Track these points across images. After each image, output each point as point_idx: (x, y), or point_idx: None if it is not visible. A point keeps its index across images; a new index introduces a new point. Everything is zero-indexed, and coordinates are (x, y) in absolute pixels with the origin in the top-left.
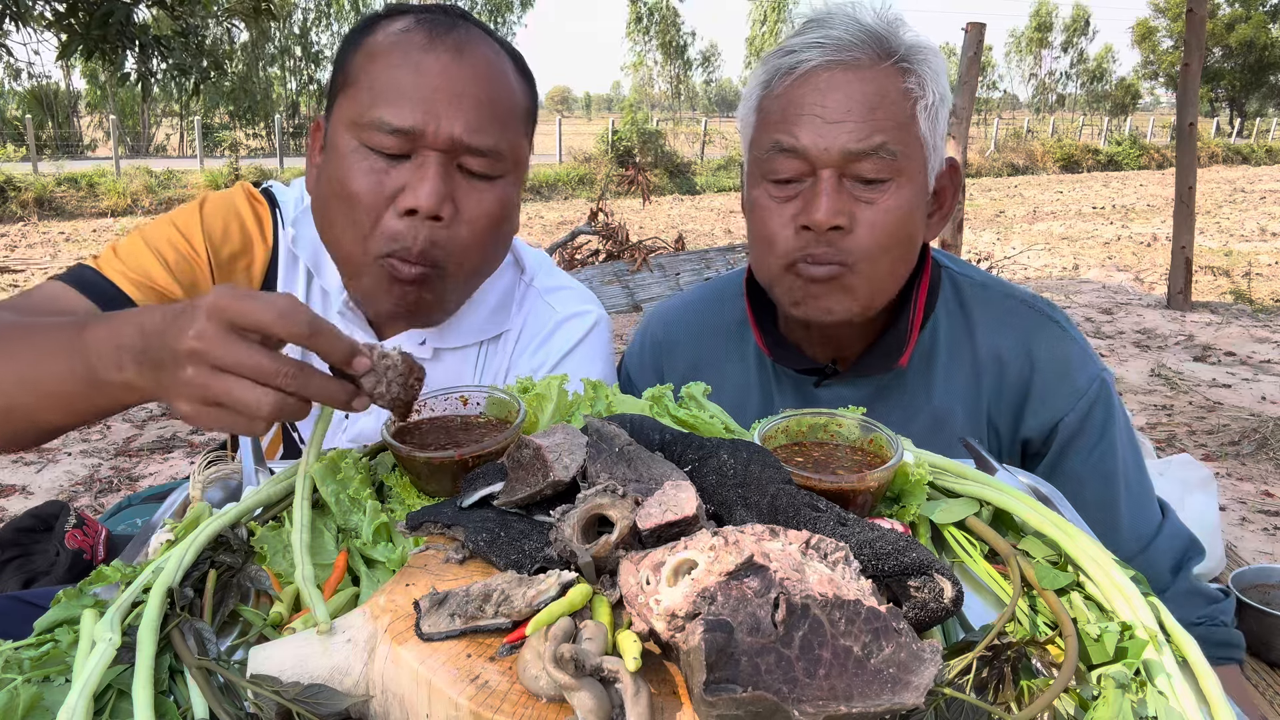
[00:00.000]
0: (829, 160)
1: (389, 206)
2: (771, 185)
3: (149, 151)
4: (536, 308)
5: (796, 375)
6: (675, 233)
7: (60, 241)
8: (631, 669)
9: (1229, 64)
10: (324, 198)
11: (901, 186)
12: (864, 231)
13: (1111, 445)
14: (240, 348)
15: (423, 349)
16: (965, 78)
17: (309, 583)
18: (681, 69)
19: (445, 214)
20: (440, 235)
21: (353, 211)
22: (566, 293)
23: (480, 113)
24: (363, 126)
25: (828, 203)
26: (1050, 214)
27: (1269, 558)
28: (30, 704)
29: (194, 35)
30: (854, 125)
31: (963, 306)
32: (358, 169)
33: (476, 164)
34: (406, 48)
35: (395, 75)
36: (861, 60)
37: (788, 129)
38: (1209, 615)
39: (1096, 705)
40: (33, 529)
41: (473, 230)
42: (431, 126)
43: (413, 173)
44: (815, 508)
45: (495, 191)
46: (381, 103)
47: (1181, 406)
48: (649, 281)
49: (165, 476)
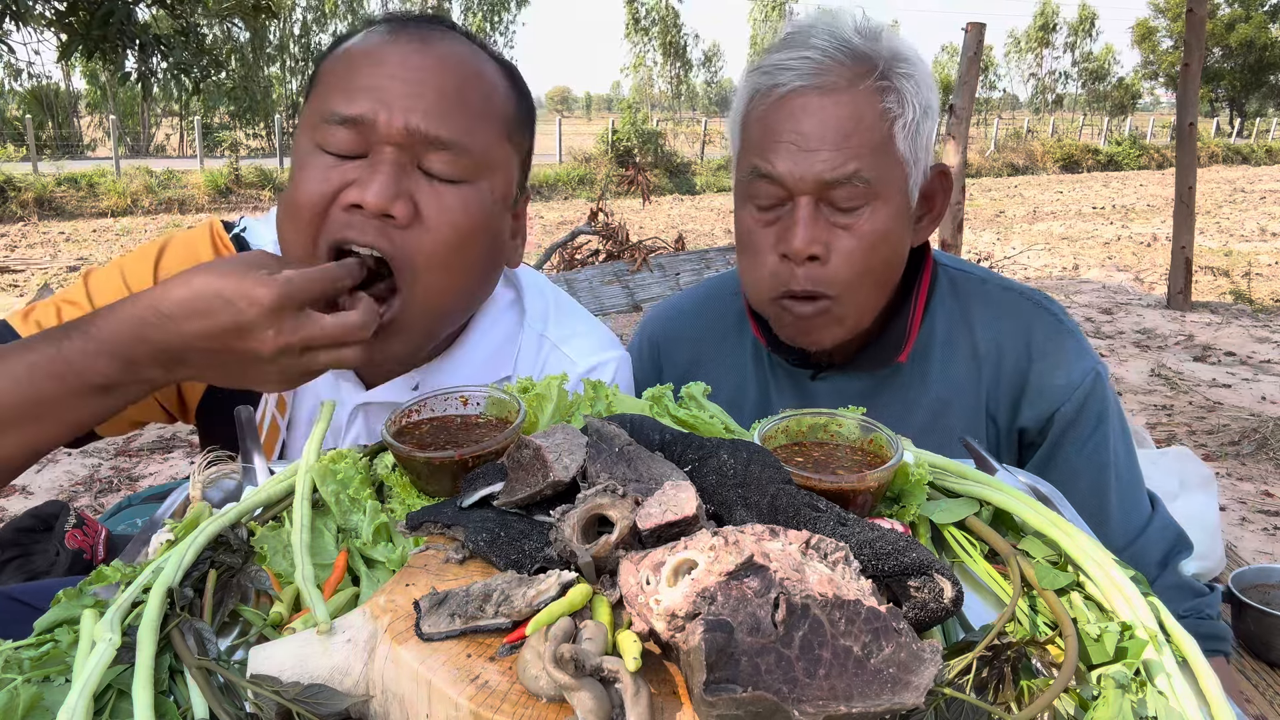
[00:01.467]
0: (804, 188)
1: (334, 199)
2: (755, 210)
3: (149, 151)
4: (553, 359)
5: (793, 369)
6: (675, 233)
7: (60, 241)
8: (631, 669)
9: (1229, 64)
10: (280, 207)
11: (877, 210)
12: (840, 261)
13: (1104, 437)
14: (315, 324)
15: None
16: (965, 78)
17: (309, 583)
18: (682, 69)
19: (398, 212)
20: (395, 235)
21: (299, 213)
22: (581, 341)
23: (443, 102)
24: (316, 125)
25: (803, 232)
26: (1050, 214)
27: (1269, 558)
28: (30, 704)
29: (194, 34)
30: (828, 154)
31: (960, 301)
32: (308, 169)
33: (438, 161)
34: (370, 44)
35: (353, 68)
36: (838, 84)
37: (765, 156)
38: (1195, 608)
39: (1096, 705)
40: (33, 529)
41: (436, 238)
42: (384, 115)
43: (363, 170)
44: (815, 508)
45: (461, 195)
46: (334, 94)
47: (1181, 406)
48: (649, 281)
49: (165, 476)
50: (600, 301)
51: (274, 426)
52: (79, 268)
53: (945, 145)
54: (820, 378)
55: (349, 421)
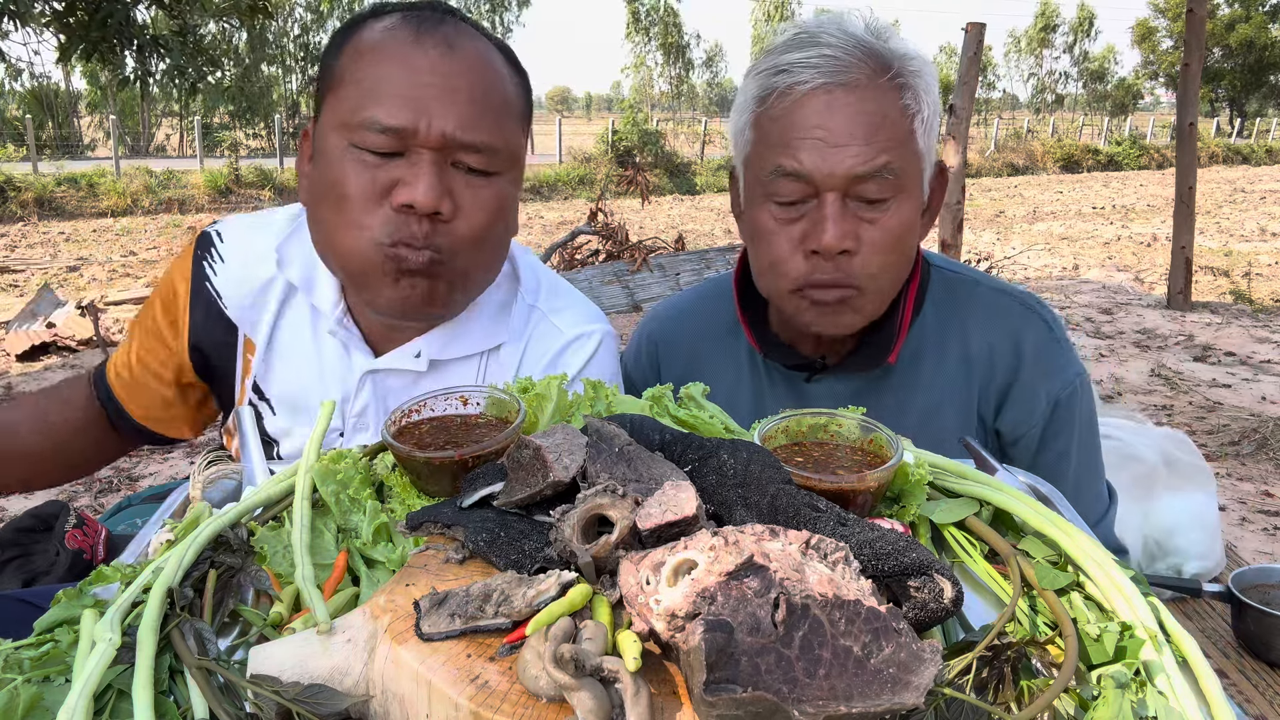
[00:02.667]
0: (834, 184)
1: (384, 200)
2: (775, 207)
3: (149, 151)
4: (541, 328)
5: (787, 371)
6: (675, 233)
7: (60, 242)
8: (631, 669)
9: (1229, 64)
10: (316, 202)
11: (902, 203)
12: (869, 252)
13: (1069, 447)
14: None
15: (418, 362)
16: (965, 78)
17: (309, 582)
18: (682, 70)
19: (445, 209)
20: (442, 230)
21: (348, 208)
22: (571, 312)
23: (474, 108)
24: (352, 127)
25: (834, 228)
26: (1050, 214)
27: (1269, 558)
28: (30, 704)
29: (192, 34)
30: (858, 148)
31: (954, 303)
32: (350, 168)
33: (473, 160)
34: (394, 44)
35: (384, 72)
36: (860, 80)
37: (790, 153)
38: None
39: (1096, 705)
40: (33, 529)
41: (473, 227)
42: (423, 124)
43: (407, 169)
44: (815, 508)
45: (493, 188)
46: (371, 102)
47: (1181, 406)
48: (649, 281)
49: (165, 476)
50: (600, 301)
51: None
52: (79, 268)
53: (945, 145)
54: (814, 380)
55: (358, 388)
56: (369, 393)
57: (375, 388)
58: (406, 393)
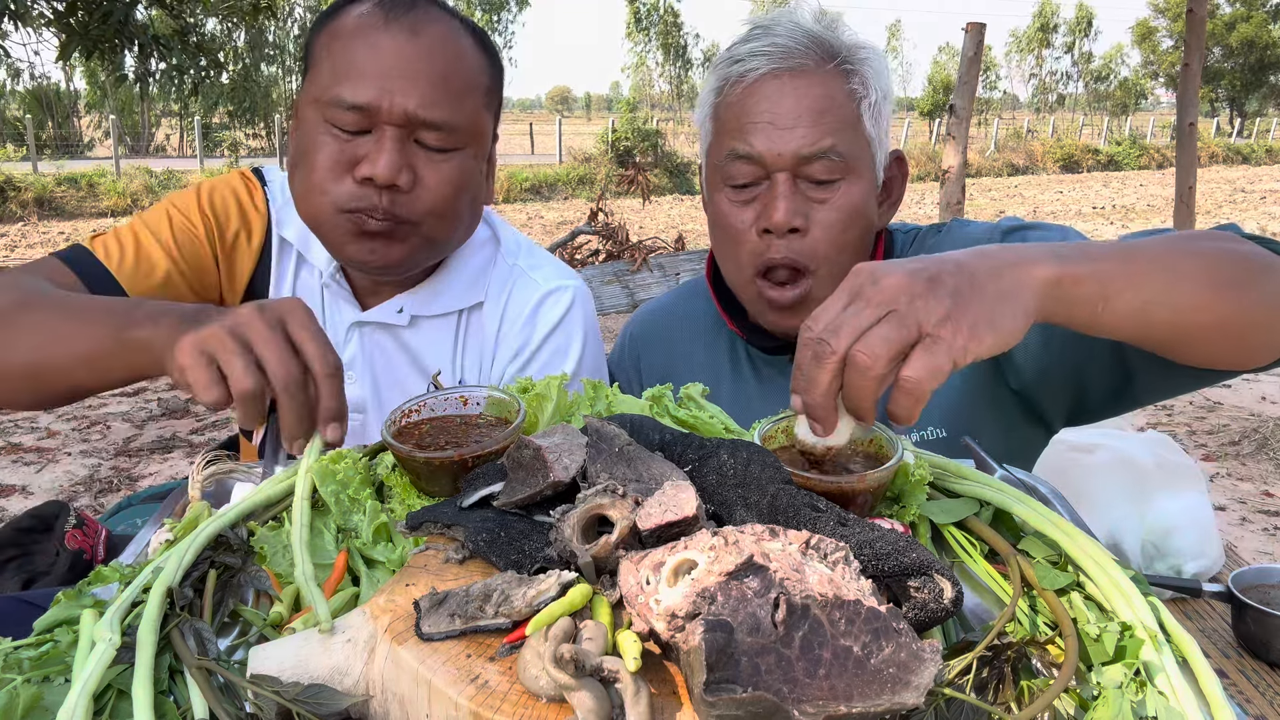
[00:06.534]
0: (782, 164)
1: (349, 172)
2: (730, 190)
3: (149, 151)
4: (521, 282)
5: (768, 356)
6: (675, 233)
7: (60, 241)
8: (631, 669)
9: (1229, 64)
10: (293, 167)
11: (851, 184)
12: (820, 234)
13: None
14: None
15: (400, 316)
16: (965, 78)
17: (309, 581)
18: (682, 69)
19: (403, 182)
20: (401, 199)
21: (316, 176)
22: (547, 268)
23: (434, 89)
24: (324, 103)
25: (784, 204)
26: (1050, 214)
27: (1269, 558)
28: (30, 704)
29: (192, 34)
30: (805, 130)
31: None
32: (320, 140)
33: (433, 138)
34: (364, 28)
35: (353, 55)
36: (807, 65)
37: (742, 137)
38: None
39: (1096, 705)
40: (33, 529)
41: (434, 198)
42: (386, 102)
43: (372, 145)
44: (815, 508)
45: (454, 162)
46: (340, 80)
47: (1181, 406)
48: (649, 281)
49: (165, 476)
50: (600, 301)
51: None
52: None
53: (945, 145)
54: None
55: (346, 339)
56: (356, 344)
57: (362, 340)
58: (390, 345)
